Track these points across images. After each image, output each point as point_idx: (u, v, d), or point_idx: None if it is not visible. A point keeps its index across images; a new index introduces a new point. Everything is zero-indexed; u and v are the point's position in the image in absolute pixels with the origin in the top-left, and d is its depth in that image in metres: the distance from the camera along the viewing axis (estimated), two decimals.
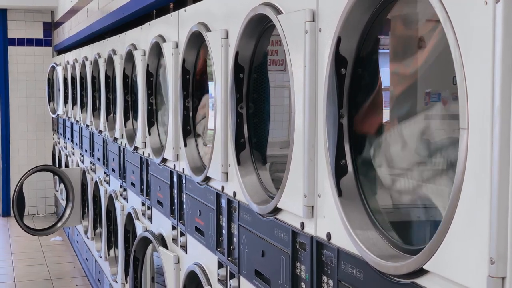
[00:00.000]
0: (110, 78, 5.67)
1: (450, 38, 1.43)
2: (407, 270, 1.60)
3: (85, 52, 7.15)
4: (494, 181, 1.32)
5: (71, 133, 8.30)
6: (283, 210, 2.30)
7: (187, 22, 3.44)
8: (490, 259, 1.32)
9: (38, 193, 10.71)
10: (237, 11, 2.70)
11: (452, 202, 1.43)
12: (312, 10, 2.06)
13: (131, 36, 4.92)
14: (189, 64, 3.44)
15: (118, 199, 5.52)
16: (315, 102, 2.06)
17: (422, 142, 1.81)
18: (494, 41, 1.31)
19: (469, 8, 1.38)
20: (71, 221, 7.60)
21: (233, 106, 2.71)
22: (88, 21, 6.91)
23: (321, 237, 2.05)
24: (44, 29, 10.86)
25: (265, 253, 2.46)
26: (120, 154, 5.32)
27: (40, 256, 8.45)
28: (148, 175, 4.38)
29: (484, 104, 1.34)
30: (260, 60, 2.68)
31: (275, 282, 2.36)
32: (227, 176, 2.84)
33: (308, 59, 2.06)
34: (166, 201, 3.91)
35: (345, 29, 1.88)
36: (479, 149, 1.36)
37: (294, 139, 2.16)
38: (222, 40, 2.81)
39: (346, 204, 1.90)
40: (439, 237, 1.47)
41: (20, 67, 10.71)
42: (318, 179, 2.06)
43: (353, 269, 1.88)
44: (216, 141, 2.91)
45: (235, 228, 2.79)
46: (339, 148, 1.95)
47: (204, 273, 3.24)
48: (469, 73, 1.38)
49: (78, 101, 7.46)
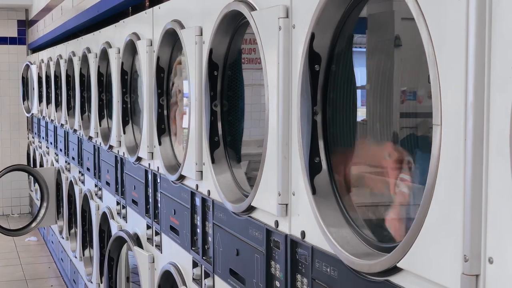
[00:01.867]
0: (84, 77, 5.62)
1: (423, 34, 1.42)
2: (380, 268, 1.59)
3: (59, 51, 7.08)
4: (467, 178, 1.31)
5: (46, 132, 8.22)
6: (258, 208, 2.28)
7: (162, 20, 3.41)
8: (464, 256, 1.31)
9: (12, 193, 10.62)
10: (211, 8, 2.68)
11: (425, 199, 1.42)
12: (285, 6, 2.04)
13: (105, 34, 4.87)
14: (164, 62, 3.41)
15: (93, 199, 5.48)
16: (289, 99, 2.05)
17: (396, 140, 1.80)
18: (467, 36, 1.30)
19: (442, 3, 1.37)
20: (46, 221, 7.53)
21: (207, 104, 2.69)
22: (63, 19, 6.85)
23: (296, 236, 2.03)
24: (18, 27, 10.76)
25: (239, 252, 2.44)
26: (95, 153, 5.28)
27: (15, 257, 8.37)
28: (123, 174, 4.35)
29: (457, 100, 1.33)
30: (234, 57, 2.66)
31: (250, 281, 2.35)
32: (201, 174, 2.82)
33: (282, 56, 2.05)
34: (141, 200, 3.88)
35: (319, 26, 1.87)
36: (452, 145, 1.35)
37: (268, 137, 2.14)
38: (196, 37, 2.78)
39: (320, 202, 1.89)
40: (413, 235, 1.46)
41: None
42: (292, 177, 2.05)
43: (327, 267, 1.86)
44: (190, 139, 2.88)
45: (210, 227, 2.77)
46: (313, 146, 1.94)
47: (179, 273, 3.21)
48: (442, 69, 1.37)
49: (52, 100, 7.39)
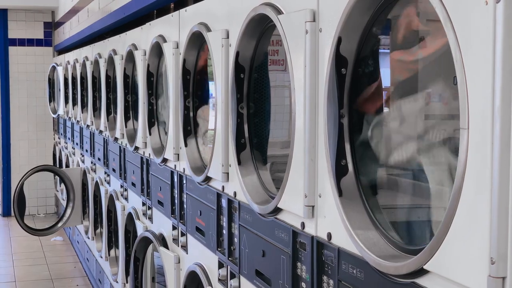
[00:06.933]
0: (110, 78, 5.67)
1: (450, 38, 1.43)
2: (407, 270, 1.60)
3: (85, 52, 7.15)
4: (494, 181, 1.32)
5: (72, 133, 8.30)
6: (284, 210, 2.30)
7: (188, 22, 3.44)
8: (491, 259, 1.32)
9: (39, 193, 10.71)
10: (238, 11, 2.70)
11: (452, 202, 1.43)
12: (312, 10, 2.06)
13: (131, 36, 4.92)
14: (190, 64, 3.44)
15: (118, 199, 5.52)
16: (315, 102, 2.06)
17: (423, 142, 1.81)
18: (494, 41, 1.31)
19: (469, 8, 1.38)
20: (72, 221, 7.60)
21: (234, 106, 2.71)
22: (89, 21, 6.91)
23: (322, 237, 2.05)
24: (45, 29, 10.86)
25: (265, 253, 2.46)
26: (121, 154, 5.32)
27: (41, 256, 8.45)
28: (149, 175, 4.38)
29: (484, 104, 1.34)
30: (260, 60, 2.68)
31: (276, 282, 2.36)
32: (227, 176, 2.84)
33: (309, 59, 2.06)
34: (167, 201, 3.91)
35: (346, 29, 1.88)
36: (479, 149, 1.36)
37: (294, 139, 2.16)
38: (222, 40, 2.81)
39: (346, 204, 1.90)
40: (440, 237, 1.47)
41: (20, 67, 10.70)
42: (318, 179, 2.06)
43: (354, 269, 1.88)
44: (217, 141, 2.91)
45: (236, 228, 2.79)
46: (340, 148, 1.95)
47: (205, 273, 3.24)
48: (470, 73, 1.38)
49: (78, 101, 7.46)
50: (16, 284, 7.35)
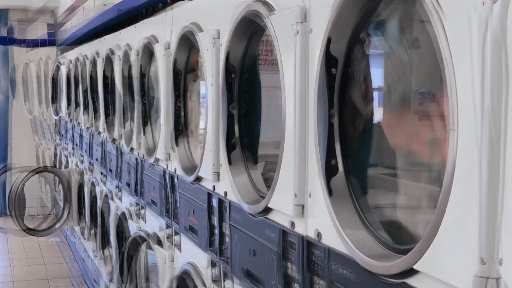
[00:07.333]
0: (108, 79, 5.62)
1: (441, 39, 1.42)
2: (397, 270, 1.60)
3: (85, 51, 7.10)
4: (483, 181, 1.31)
5: (72, 134, 8.24)
6: (274, 209, 2.29)
7: (181, 21, 3.42)
8: (481, 259, 1.32)
9: (37, 194, 10.67)
10: (230, 9, 2.68)
11: (441, 202, 1.43)
12: (303, 9, 2.04)
13: (126, 35, 4.90)
14: (181, 64, 3.43)
15: (113, 199, 5.51)
16: (305, 102, 2.06)
17: (412, 142, 1.81)
18: (484, 42, 1.30)
19: (462, 8, 1.37)
20: (69, 222, 7.60)
21: (224, 107, 2.71)
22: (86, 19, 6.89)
23: (311, 237, 2.04)
24: (48, 29, 10.78)
25: (256, 253, 2.46)
26: (118, 155, 5.31)
27: (38, 256, 8.44)
28: (143, 175, 4.37)
29: (473, 106, 1.33)
30: (251, 60, 2.67)
31: (268, 282, 2.36)
32: (218, 176, 2.84)
33: (299, 60, 2.05)
34: (160, 200, 3.90)
35: (335, 29, 1.87)
36: (468, 149, 1.36)
37: (285, 139, 2.15)
38: (213, 40, 2.80)
39: (336, 204, 1.90)
40: (429, 237, 1.47)
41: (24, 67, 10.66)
42: (308, 178, 2.06)
43: (344, 269, 1.87)
44: (207, 141, 2.90)
45: (227, 227, 2.78)
46: (330, 148, 1.95)
47: (197, 272, 3.23)
48: (459, 74, 1.37)
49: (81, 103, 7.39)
50: (14, 284, 7.36)
